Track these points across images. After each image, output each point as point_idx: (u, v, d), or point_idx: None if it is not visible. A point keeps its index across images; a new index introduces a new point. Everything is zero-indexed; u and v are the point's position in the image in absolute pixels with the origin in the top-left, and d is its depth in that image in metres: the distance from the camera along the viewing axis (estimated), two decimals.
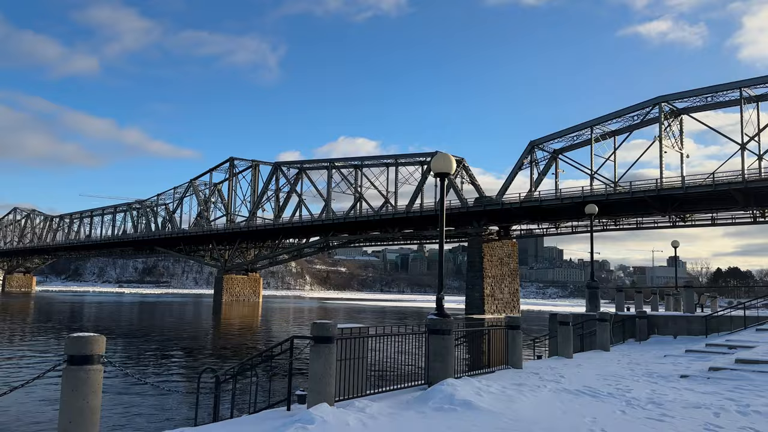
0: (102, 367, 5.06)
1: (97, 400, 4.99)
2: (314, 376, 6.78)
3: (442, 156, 9.05)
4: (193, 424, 8.66)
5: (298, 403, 9.98)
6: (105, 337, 5.12)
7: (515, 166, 71.83)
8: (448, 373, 8.60)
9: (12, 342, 26.58)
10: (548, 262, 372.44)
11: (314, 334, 6.84)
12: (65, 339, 5.00)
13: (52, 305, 72.08)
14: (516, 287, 76.26)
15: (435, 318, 8.79)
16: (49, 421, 10.94)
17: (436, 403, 7.03)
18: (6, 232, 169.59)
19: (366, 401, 7.01)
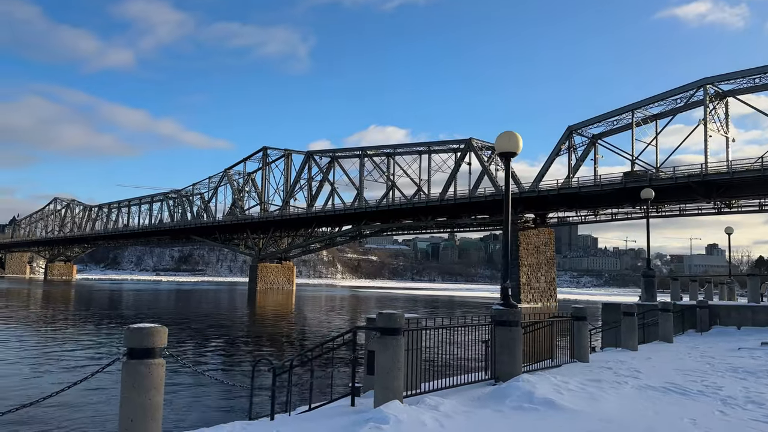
0: (164, 361, 4.64)
1: (159, 397, 4.58)
2: (381, 370, 6.29)
3: (508, 134, 8.41)
4: (247, 418, 8.28)
5: (353, 395, 9.60)
6: (167, 329, 4.69)
7: (552, 152, 70.22)
8: (516, 368, 8.02)
9: (60, 331, 26.95)
10: (582, 251, 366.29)
11: (381, 324, 6.34)
12: (124, 330, 4.59)
13: (95, 293, 73.73)
14: (552, 276, 74.87)
15: (501, 308, 8.20)
16: (104, 420, 10.63)
17: (514, 401, 6.46)
18: (47, 221, 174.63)
19: (436, 397, 6.49)
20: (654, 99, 65.88)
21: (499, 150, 8.52)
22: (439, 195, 78.34)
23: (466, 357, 9.21)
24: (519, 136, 8.43)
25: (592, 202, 68.83)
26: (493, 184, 72.69)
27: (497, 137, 8.47)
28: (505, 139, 8.41)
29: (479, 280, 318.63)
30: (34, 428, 9.90)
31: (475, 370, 8.34)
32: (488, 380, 7.96)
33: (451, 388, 7.26)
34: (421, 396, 6.60)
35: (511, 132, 8.41)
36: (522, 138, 8.36)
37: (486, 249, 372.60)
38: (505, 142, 8.42)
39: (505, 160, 8.63)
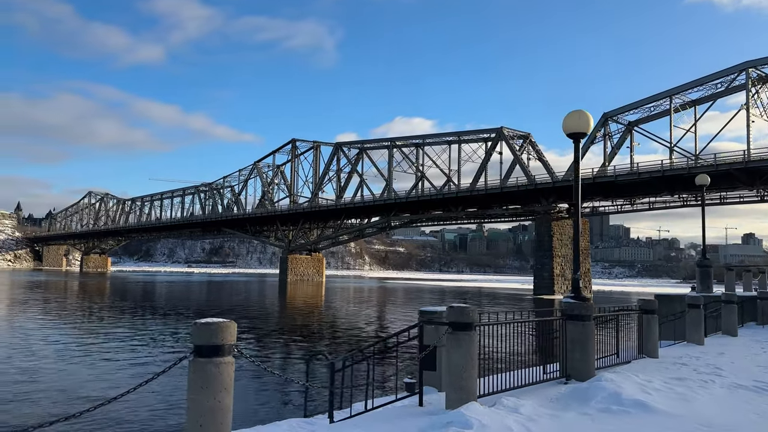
0: (233, 359, 4.25)
1: (229, 399, 4.19)
2: (453, 369, 5.82)
3: (577, 113, 7.81)
4: (302, 415, 7.92)
5: (405, 391, 9.16)
6: (236, 324, 4.29)
7: (587, 139, 68.50)
8: (589, 365, 7.47)
9: (106, 325, 27.17)
10: (614, 241, 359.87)
11: (452, 319, 5.87)
12: (191, 326, 4.20)
13: (131, 285, 74.95)
14: (587, 267, 73.28)
15: (572, 301, 7.65)
16: (165, 425, 10.40)
17: (600, 403, 5.93)
18: (82, 215, 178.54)
19: (512, 398, 6.00)
20: (693, 84, 63.72)
21: (567, 130, 7.93)
22: (470, 185, 77.29)
23: (519, 352, 8.70)
24: (589, 115, 7.83)
25: (629, 190, 67.08)
26: (526, 174, 71.38)
27: (565, 117, 7.88)
28: (574, 118, 7.82)
29: (508, 272, 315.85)
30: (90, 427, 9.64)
31: (528, 366, 7.82)
32: (558, 378, 7.44)
33: (521, 387, 6.76)
34: (493, 396, 6.13)
35: (580, 111, 7.82)
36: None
37: (515, 240, 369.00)
38: (574, 121, 7.83)
39: (574, 141, 8.04)
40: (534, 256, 75.53)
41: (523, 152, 74.53)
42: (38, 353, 16.84)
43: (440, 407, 5.91)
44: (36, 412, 10.50)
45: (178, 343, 20.25)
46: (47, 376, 13.72)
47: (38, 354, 16.78)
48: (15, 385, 12.41)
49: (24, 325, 24.45)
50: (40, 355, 16.52)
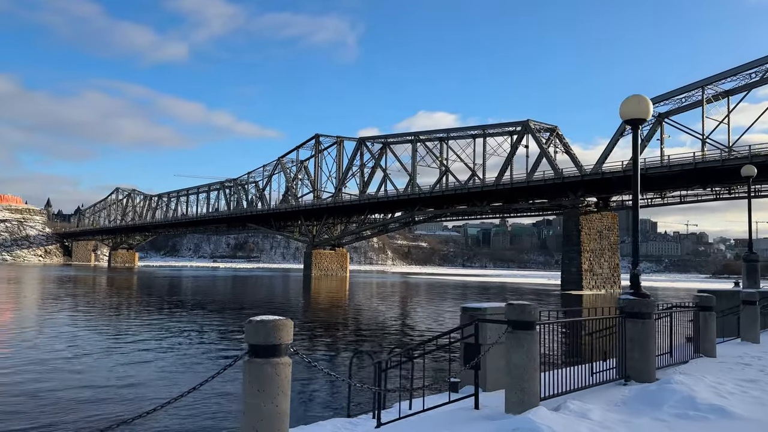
0: (290, 360, 3.95)
1: (287, 403, 3.90)
2: (514, 371, 5.46)
3: (636, 98, 7.35)
4: (345, 415, 7.65)
5: (450, 391, 8.81)
6: (292, 322, 3.99)
7: (616, 132, 67.20)
8: (649, 365, 7.05)
9: (142, 320, 27.33)
10: (641, 235, 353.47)
11: (512, 317, 5.51)
12: (245, 324, 3.91)
13: (161, 280, 75.79)
14: (616, 262, 72.01)
15: (632, 298, 7.22)
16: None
17: (674, 407, 5.51)
18: (110, 211, 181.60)
19: (576, 402, 5.62)
20: (726, 74, 61.90)
21: (625, 116, 7.47)
22: (495, 179, 76.45)
23: (567, 352, 8.29)
24: (648, 99, 7.36)
25: (659, 184, 65.57)
26: (553, 168, 70.27)
27: (623, 102, 7.42)
28: (633, 103, 7.36)
29: (532, 267, 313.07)
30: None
31: (577, 365, 7.41)
32: (617, 380, 7.02)
33: (581, 389, 6.36)
34: (554, 399, 5.75)
35: (639, 96, 7.35)
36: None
37: (539, 235, 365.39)
38: (633, 107, 7.37)
39: (633, 128, 7.58)
40: (561, 251, 74.42)
41: (550, 145, 73.40)
42: (86, 351, 16.56)
43: (498, 410, 5.57)
44: (94, 413, 10.28)
45: (223, 340, 20.20)
46: (100, 375, 13.61)
47: (87, 352, 16.46)
48: (73, 389, 11.95)
49: (65, 321, 24.67)
50: (88, 353, 16.20)
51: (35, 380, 12.56)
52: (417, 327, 25.00)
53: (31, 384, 12.21)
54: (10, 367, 13.87)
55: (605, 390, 6.44)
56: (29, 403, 10.61)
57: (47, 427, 9.24)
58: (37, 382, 12.34)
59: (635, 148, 7.68)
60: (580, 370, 6.84)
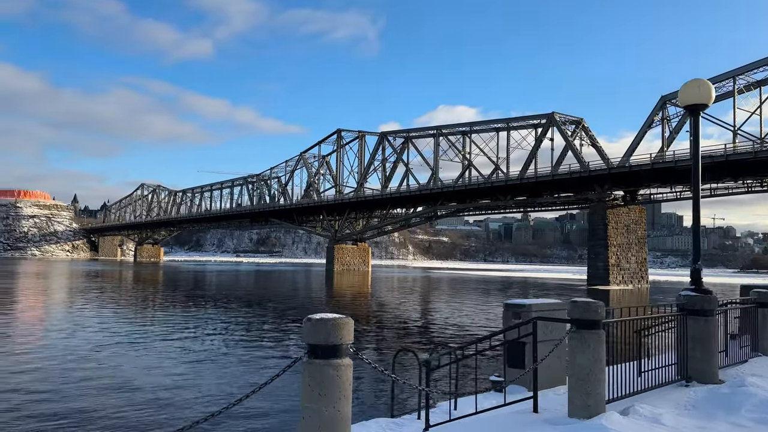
0: (352, 361, 3.68)
1: (348, 407, 3.63)
2: (578, 372, 5.13)
3: (696, 83, 6.92)
4: (388, 415, 7.37)
5: (494, 390, 8.48)
6: (353, 320, 3.72)
7: (644, 124, 65.79)
8: (712, 365, 6.66)
9: (176, 313, 27.44)
10: (666, 230, 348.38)
11: (576, 316, 5.18)
12: (303, 323, 3.65)
13: (187, 274, 76.53)
14: (644, 256, 70.67)
15: (693, 294, 6.82)
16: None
17: (753, 411, 5.13)
18: (135, 206, 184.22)
19: (645, 406, 5.26)
20: (758, 63, 60.06)
21: (685, 102, 7.05)
22: (519, 173, 75.49)
23: (615, 350, 7.90)
24: (710, 84, 6.92)
25: (688, 176, 64.01)
26: (579, 161, 69.12)
27: (683, 87, 7.00)
28: (693, 88, 6.93)
29: (555, 261, 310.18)
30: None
31: (616, 362, 7.02)
32: (678, 380, 6.64)
33: (644, 391, 6.00)
34: (619, 402, 5.40)
35: (700, 80, 6.92)
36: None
37: (562, 229, 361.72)
38: (693, 92, 6.95)
39: (693, 114, 7.15)
40: (585, 246, 73.28)
41: (576, 138, 72.19)
42: (140, 350, 16.10)
43: (559, 414, 5.24)
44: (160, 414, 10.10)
45: (268, 337, 20.13)
46: (139, 374, 13.51)
47: (141, 351, 15.89)
48: (133, 391, 11.44)
49: (102, 315, 24.84)
50: (142, 353, 15.67)
51: (88, 378, 12.54)
52: (450, 322, 24.66)
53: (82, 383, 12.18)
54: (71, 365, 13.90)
55: (668, 392, 6.07)
56: (89, 401, 10.49)
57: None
58: (82, 380, 12.30)
59: (696, 136, 7.25)
60: (627, 368, 6.48)
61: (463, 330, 21.52)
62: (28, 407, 9.71)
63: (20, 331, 19.12)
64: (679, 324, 6.73)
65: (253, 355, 15.44)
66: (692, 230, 7.24)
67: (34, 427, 8.70)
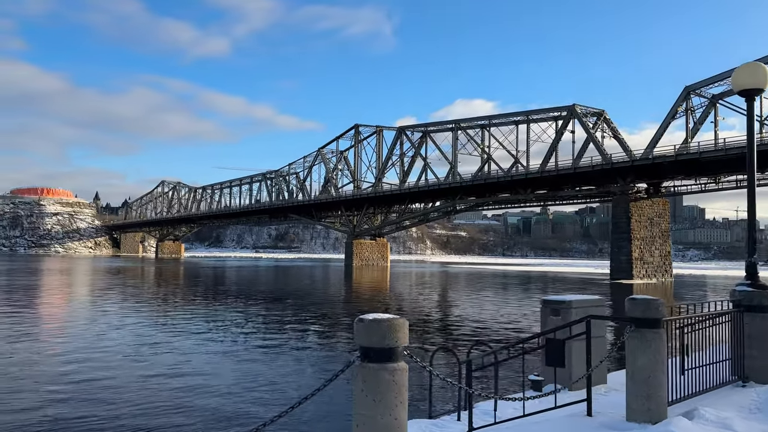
0: (407, 365, 3.43)
1: (405, 415, 3.38)
2: (638, 374, 4.82)
3: (752, 66, 6.53)
4: (426, 416, 7.12)
5: (533, 389, 8.19)
6: (407, 321, 3.46)
7: (668, 115, 64.50)
8: None
9: (205, 310, 27.49)
10: (688, 222, 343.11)
11: (636, 314, 4.86)
12: (355, 324, 3.41)
13: (209, 270, 76.99)
14: (667, 250, 69.47)
15: (749, 290, 6.45)
16: None
17: None
18: (156, 203, 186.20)
19: (709, 409, 4.94)
20: None
21: (739, 87, 6.66)
22: (540, 166, 74.61)
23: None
24: (766, 68, 6.52)
25: (714, 168, 62.69)
26: (601, 153, 68.07)
27: (736, 71, 6.61)
28: (748, 72, 6.55)
29: (575, 255, 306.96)
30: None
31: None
32: (734, 381, 6.29)
33: (701, 393, 5.66)
34: (677, 405, 5.08)
35: (756, 63, 6.54)
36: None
37: (582, 223, 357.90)
38: (748, 76, 6.56)
39: (747, 99, 6.76)
40: (605, 240, 72.28)
41: (597, 130, 71.08)
42: (178, 348, 15.68)
43: (615, 418, 4.94)
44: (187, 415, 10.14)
45: (286, 330, 20.03)
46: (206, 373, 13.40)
47: (180, 349, 15.37)
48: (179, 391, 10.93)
49: (131, 313, 24.96)
50: (181, 351, 15.16)
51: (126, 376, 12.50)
52: (475, 318, 24.32)
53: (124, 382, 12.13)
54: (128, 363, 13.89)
55: (727, 393, 5.74)
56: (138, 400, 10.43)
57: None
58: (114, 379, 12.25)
59: (751, 122, 6.85)
60: (670, 367, 6.14)
61: (491, 327, 21.18)
62: (85, 406, 9.65)
63: (57, 327, 19.23)
64: (734, 321, 6.38)
65: (286, 352, 15.27)
66: (747, 221, 6.86)
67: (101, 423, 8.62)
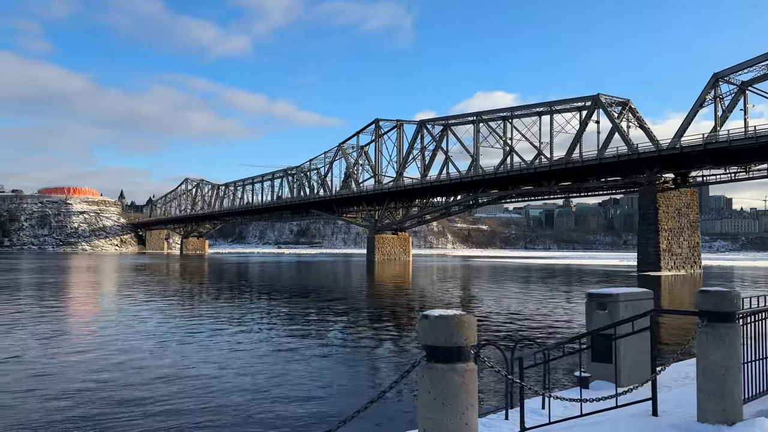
0: (476, 365, 3.17)
1: (476, 418, 3.13)
2: (712, 371, 4.51)
3: None
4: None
5: (580, 386, 7.89)
6: (475, 318, 3.21)
7: (695, 103, 63.03)
8: None
9: (240, 305, 27.55)
10: (715, 213, 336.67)
11: (708, 308, 4.54)
12: (419, 320, 3.16)
13: (234, 266, 77.50)
14: (696, 241, 68.04)
15: None
16: None
17: None
18: (180, 201, 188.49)
19: None
20: None
21: None
22: (563, 157, 73.58)
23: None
24: None
25: (744, 156, 61.14)
26: (626, 143, 66.83)
27: None
28: None
29: (599, 248, 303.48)
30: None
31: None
32: None
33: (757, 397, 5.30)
34: (754, 402, 4.75)
35: None
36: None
37: (606, 215, 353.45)
38: None
39: None
40: (629, 232, 71.06)
41: (622, 120, 69.78)
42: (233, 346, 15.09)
43: (684, 418, 4.63)
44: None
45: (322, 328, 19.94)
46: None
47: (235, 347, 14.74)
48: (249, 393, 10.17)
49: (164, 307, 25.12)
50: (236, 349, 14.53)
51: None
52: (507, 311, 23.97)
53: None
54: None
55: None
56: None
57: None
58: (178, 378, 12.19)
59: None
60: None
61: (525, 322, 20.81)
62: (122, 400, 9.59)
63: (91, 323, 19.39)
64: None
65: (336, 350, 15.10)
66: None
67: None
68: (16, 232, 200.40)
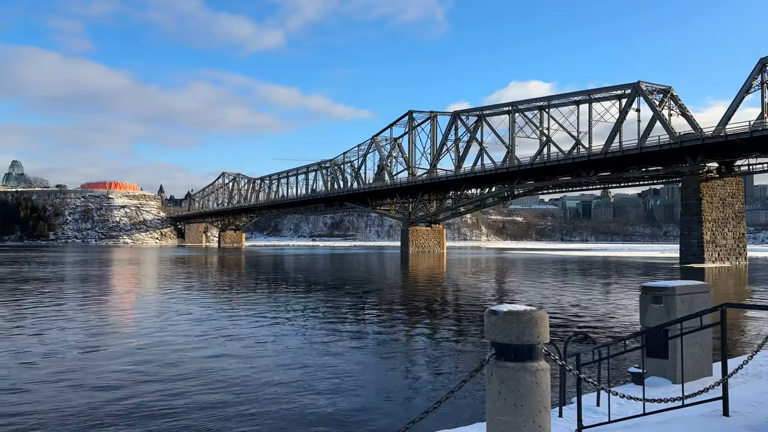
0: (548, 364, 3.02)
1: (549, 421, 2.97)
2: None
3: None
4: None
5: (634, 382, 7.65)
6: (547, 314, 3.04)
7: (741, 89, 60.62)
8: None
9: (285, 297, 27.85)
10: (759, 203, 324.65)
11: None
12: (487, 316, 3.01)
13: (270, 258, 78.49)
14: (741, 231, 65.76)
15: None
16: None
17: None
18: (217, 194, 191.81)
19: None
20: None
21: None
22: (603, 147, 71.86)
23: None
24: None
25: None
26: (668, 132, 64.81)
27: None
28: None
29: (638, 239, 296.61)
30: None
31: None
32: None
33: None
34: None
35: None
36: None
37: (645, 205, 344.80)
38: None
39: None
40: (669, 223, 69.02)
41: (663, 108, 67.67)
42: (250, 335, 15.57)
43: (760, 418, 4.37)
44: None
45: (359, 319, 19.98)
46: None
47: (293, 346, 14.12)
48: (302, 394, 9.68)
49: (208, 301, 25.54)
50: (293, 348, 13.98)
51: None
52: (551, 306, 23.54)
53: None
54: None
55: None
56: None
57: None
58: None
59: None
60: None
61: (569, 316, 20.38)
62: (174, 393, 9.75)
63: (141, 315, 19.84)
64: None
65: (380, 345, 15.09)
66: None
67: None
68: (61, 226, 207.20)
